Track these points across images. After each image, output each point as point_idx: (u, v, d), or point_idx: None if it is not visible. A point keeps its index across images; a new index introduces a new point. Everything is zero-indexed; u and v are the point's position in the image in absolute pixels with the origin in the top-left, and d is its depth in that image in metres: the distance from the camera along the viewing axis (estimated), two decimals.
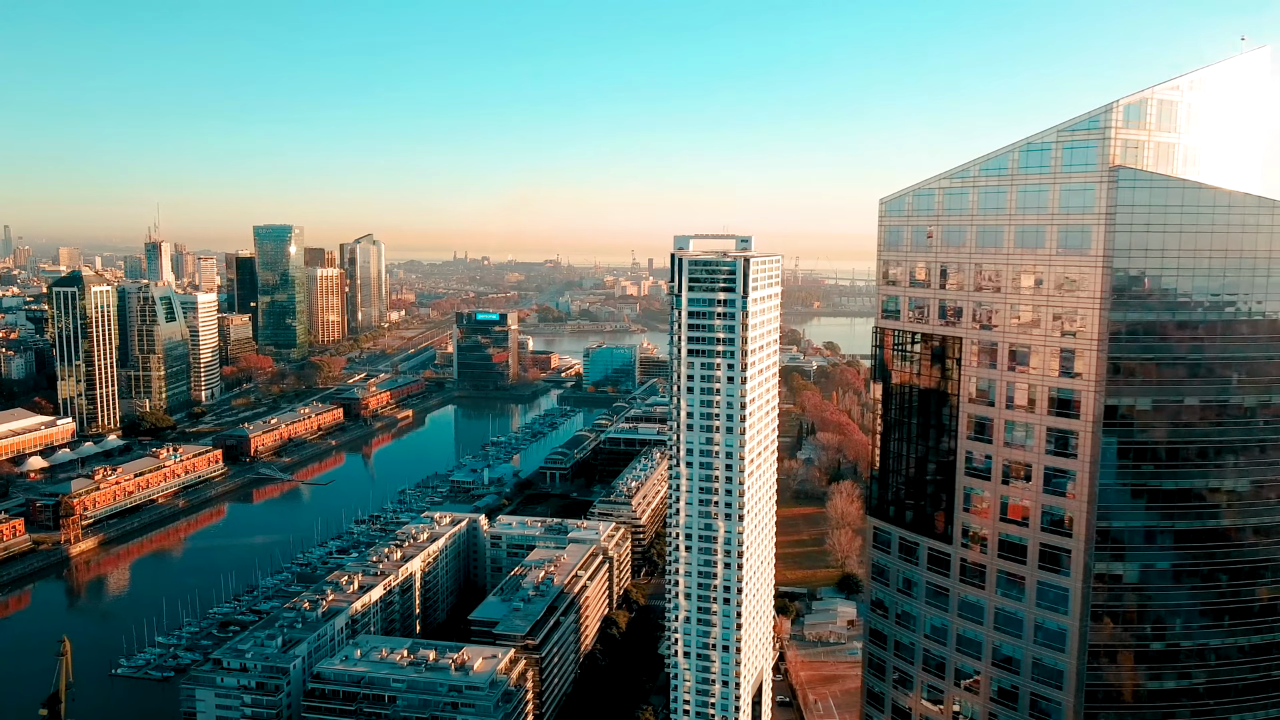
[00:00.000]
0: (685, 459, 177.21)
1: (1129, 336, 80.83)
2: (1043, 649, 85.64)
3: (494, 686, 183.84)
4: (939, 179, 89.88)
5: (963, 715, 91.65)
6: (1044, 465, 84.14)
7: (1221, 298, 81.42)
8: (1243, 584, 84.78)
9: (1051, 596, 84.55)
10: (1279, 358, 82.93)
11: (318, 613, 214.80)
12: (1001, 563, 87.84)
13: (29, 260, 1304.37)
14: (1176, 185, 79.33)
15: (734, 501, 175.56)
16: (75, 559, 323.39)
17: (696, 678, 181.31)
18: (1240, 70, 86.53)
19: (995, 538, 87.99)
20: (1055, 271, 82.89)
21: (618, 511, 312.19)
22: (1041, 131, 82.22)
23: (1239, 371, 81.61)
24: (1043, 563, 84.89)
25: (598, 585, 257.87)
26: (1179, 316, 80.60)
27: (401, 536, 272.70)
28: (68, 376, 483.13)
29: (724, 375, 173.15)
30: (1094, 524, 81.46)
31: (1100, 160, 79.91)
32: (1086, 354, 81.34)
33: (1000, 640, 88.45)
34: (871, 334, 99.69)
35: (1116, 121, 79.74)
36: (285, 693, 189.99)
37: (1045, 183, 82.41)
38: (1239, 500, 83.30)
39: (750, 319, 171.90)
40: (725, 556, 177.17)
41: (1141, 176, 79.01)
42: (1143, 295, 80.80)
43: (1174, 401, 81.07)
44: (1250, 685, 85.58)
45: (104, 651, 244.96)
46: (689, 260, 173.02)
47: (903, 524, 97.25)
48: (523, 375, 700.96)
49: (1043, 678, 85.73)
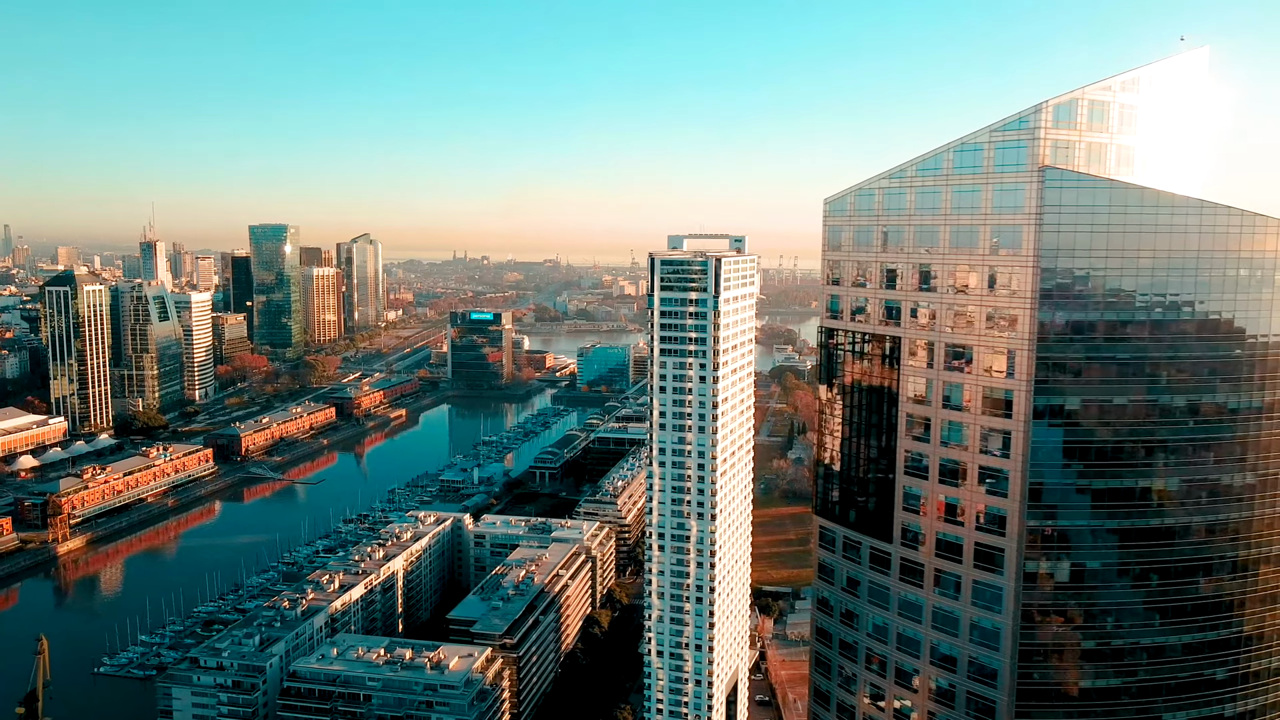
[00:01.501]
0: (658, 458, 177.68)
1: (1058, 336, 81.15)
2: (979, 648, 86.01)
3: (469, 685, 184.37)
4: (879, 179, 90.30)
5: (904, 714, 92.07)
6: (979, 465, 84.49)
7: (1151, 298, 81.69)
8: (1176, 582, 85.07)
9: (987, 596, 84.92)
10: (1209, 358, 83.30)
11: (297, 611, 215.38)
12: (939, 562, 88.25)
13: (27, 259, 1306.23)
14: (1104, 185, 79.66)
15: (706, 501, 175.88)
16: (63, 558, 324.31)
17: (670, 676, 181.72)
18: (1178, 70, 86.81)
19: (933, 537, 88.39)
20: (988, 271, 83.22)
21: (603, 511, 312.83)
22: (975, 131, 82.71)
23: (1169, 371, 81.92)
24: (978, 562, 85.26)
25: (579, 584, 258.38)
26: (1108, 316, 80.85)
27: (385, 536, 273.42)
28: (60, 376, 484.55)
29: (696, 375, 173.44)
30: (1025, 523, 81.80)
31: (1030, 160, 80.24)
32: (1018, 354, 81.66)
33: (938, 639, 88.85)
34: (817, 333, 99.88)
35: (1046, 122, 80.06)
36: (261, 691, 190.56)
37: (978, 183, 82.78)
38: (1171, 499, 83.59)
39: (722, 318, 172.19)
40: (698, 556, 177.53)
41: (1069, 176, 79.34)
42: (1072, 295, 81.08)
43: (1104, 401, 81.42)
44: (1184, 684, 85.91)
45: (87, 650, 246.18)
46: (661, 260, 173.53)
47: (847, 523, 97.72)
48: (517, 375, 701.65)
49: (979, 676, 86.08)
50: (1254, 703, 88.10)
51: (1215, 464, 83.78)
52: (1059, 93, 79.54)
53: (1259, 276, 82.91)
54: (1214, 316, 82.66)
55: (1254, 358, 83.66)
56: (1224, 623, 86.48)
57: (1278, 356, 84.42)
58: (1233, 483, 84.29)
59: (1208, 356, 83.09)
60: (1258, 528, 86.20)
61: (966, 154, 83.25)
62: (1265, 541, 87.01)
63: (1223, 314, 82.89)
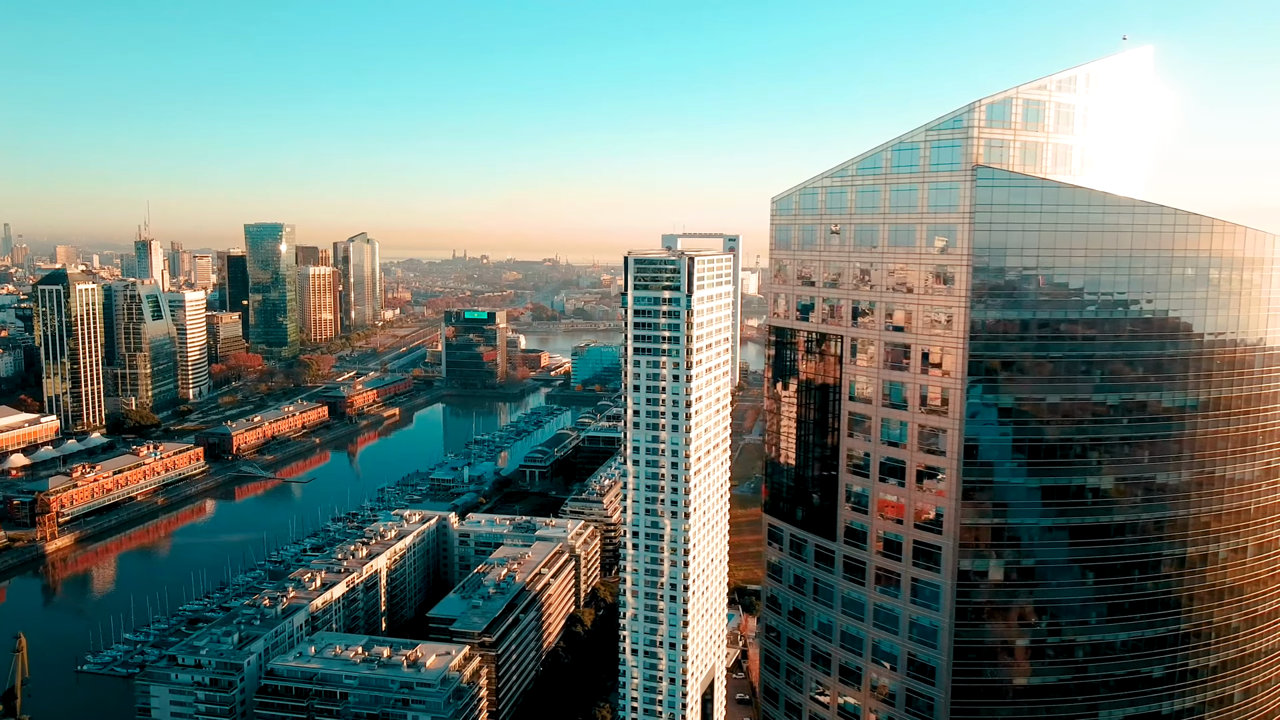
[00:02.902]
0: (632, 457, 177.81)
1: (992, 334, 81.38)
2: (918, 645, 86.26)
3: (445, 683, 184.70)
4: (821, 178, 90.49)
5: (848, 711, 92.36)
6: (917, 463, 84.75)
7: (1085, 296, 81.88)
8: (1114, 580, 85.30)
9: (926, 593, 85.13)
10: (1145, 356, 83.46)
11: (277, 610, 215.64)
12: (880, 560, 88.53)
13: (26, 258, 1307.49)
14: (1036, 184, 79.77)
15: (680, 500, 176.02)
16: (51, 556, 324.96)
17: (644, 675, 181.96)
18: (1119, 69, 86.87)
19: (874, 535, 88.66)
20: (925, 270, 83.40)
21: (589, 510, 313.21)
22: (912, 130, 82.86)
23: (1103, 370, 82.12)
24: (917, 560, 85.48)
25: (562, 583, 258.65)
26: (1042, 315, 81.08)
27: (369, 534, 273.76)
28: (53, 374, 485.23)
29: (669, 374, 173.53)
30: (961, 521, 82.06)
31: (964, 160, 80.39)
32: (953, 352, 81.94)
33: (880, 637, 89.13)
34: (766, 332, 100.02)
35: (979, 121, 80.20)
36: (239, 689, 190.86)
37: (915, 182, 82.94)
38: (1105, 497, 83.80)
39: (696, 317, 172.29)
40: (671, 554, 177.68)
41: (1000, 175, 79.49)
42: (1005, 293, 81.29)
43: (1037, 399, 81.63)
44: (1122, 681, 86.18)
45: (72, 648, 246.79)
46: (634, 260, 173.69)
47: (794, 521, 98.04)
48: (511, 374, 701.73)
49: (918, 674, 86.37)
50: (1191, 700, 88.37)
51: (1151, 462, 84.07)
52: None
53: (1195, 275, 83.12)
54: (1149, 315, 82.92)
55: (1190, 356, 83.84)
56: (1162, 620, 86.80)
57: (1214, 355, 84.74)
58: (1169, 481, 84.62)
59: (1143, 355, 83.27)
60: (1195, 526, 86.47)
61: (904, 153, 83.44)
62: (1204, 539, 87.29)
63: (1158, 312, 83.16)
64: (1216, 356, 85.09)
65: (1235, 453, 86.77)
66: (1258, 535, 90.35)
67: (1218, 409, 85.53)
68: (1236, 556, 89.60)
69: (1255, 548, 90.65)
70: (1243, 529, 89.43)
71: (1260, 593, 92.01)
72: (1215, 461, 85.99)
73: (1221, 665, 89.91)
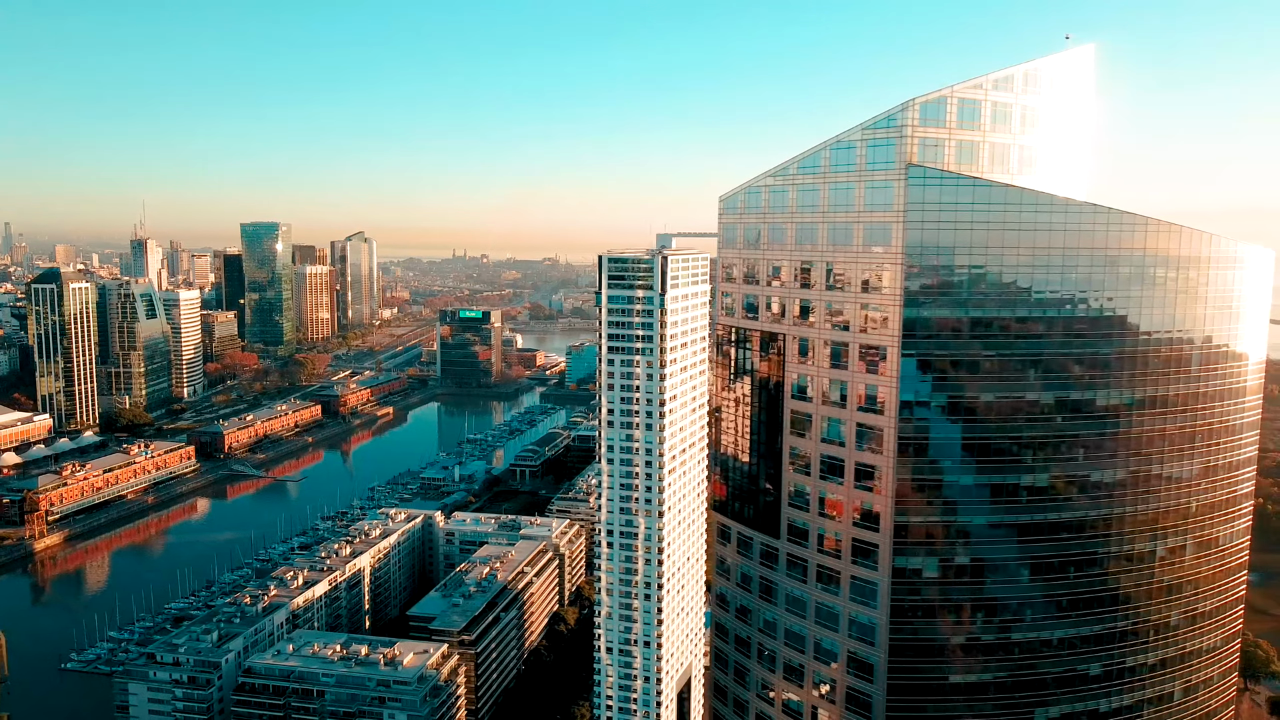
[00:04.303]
0: (606, 456, 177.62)
1: (926, 333, 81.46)
2: (856, 642, 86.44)
3: (422, 681, 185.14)
4: (765, 176, 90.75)
5: (791, 707, 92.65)
6: (855, 461, 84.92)
7: (1021, 295, 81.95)
8: (1049, 578, 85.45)
9: (864, 591, 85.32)
10: (1080, 354, 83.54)
11: (257, 608, 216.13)
12: (821, 557, 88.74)
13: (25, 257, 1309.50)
14: (968, 183, 79.79)
15: (654, 498, 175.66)
16: (39, 554, 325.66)
17: (619, 674, 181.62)
18: (1060, 69, 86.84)
19: (815, 533, 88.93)
20: (862, 269, 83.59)
21: (575, 509, 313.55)
22: (849, 129, 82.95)
23: (1039, 368, 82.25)
24: (855, 557, 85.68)
25: (545, 581, 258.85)
26: (975, 313, 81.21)
27: (354, 533, 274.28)
28: (46, 373, 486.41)
29: (643, 372, 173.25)
30: (895, 519, 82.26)
31: (899, 159, 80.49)
32: (888, 350, 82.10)
33: (821, 634, 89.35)
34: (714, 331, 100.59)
35: (913, 120, 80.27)
36: (216, 687, 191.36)
37: (852, 180, 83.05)
38: (1040, 495, 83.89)
39: (670, 316, 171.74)
40: (645, 553, 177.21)
41: (932, 174, 79.55)
42: (938, 292, 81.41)
43: (970, 398, 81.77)
44: (1060, 678, 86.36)
45: (56, 646, 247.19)
46: (608, 259, 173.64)
47: (742, 519, 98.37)
48: (506, 373, 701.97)
49: (857, 671, 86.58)
50: (1129, 698, 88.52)
51: (1086, 460, 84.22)
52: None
53: (1132, 274, 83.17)
54: (1086, 313, 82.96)
55: (1128, 354, 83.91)
56: (1099, 618, 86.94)
57: (1152, 353, 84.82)
58: (1103, 479, 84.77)
59: (1081, 353, 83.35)
60: (1133, 523, 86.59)
61: (841, 152, 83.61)
62: (1142, 537, 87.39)
63: (1095, 311, 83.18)
64: (1154, 355, 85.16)
65: (1174, 450, 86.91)
66: (1197, 533, 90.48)
67: (1156, 407, 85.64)
68: (1175, 554, 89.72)
69: (1195, 545, 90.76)
70: (1182, 527, 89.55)
71: (1201, 591, 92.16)
72: (1154, 459, 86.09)
73: (1161, 663, 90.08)
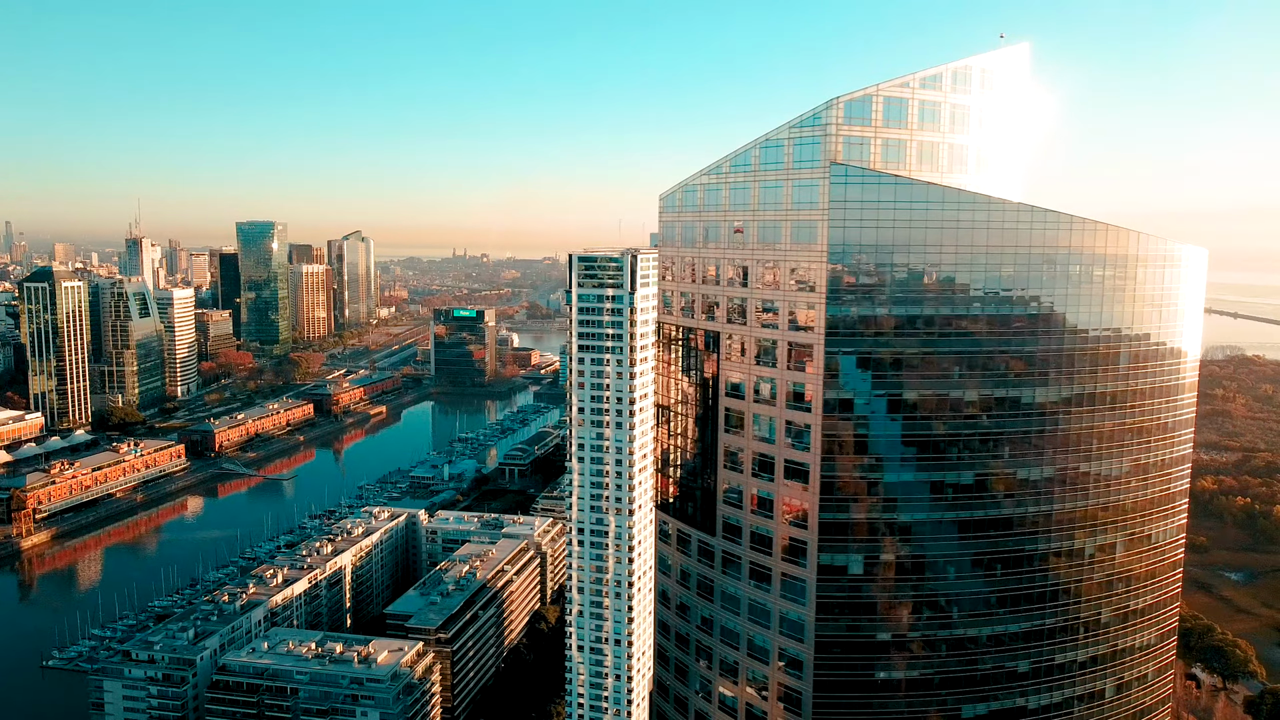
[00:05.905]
0: (577, 454, 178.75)
1: (847, 331, 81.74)
2: (787, 639, 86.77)
3: (395, 679, 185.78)
4: (700, 174, 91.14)
5: (727, 704, 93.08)
6: (785, 458, 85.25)
7: (940, 294, 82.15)
8: (976, 575, 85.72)
9: (794, 588, 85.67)
10: (1006, 352, 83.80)
11: (235, 605, 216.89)
12: (754, 555, 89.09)
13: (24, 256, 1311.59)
14: (889, 181, 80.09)
15: (624, 496, 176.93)
16: (26, 552, 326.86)
17: (590, 671, 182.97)
18: (993, 67, 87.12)
19: (748, 530, 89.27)
20: (789, 267, 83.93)
21: (560, 507, 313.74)
22: (777, 127, 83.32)
23: (965, 365, 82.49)
24: (785, 555, 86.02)
25: (526, 580, 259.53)
26: (895, 311, 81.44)
27: (336, 531, 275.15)
28: (39, 372, 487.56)
29: (613, 370, 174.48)
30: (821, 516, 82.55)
31: (824, 156, 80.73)
32: (814, 348, 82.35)
33: (754, 631, 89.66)
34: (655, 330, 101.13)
35: (837, 118, 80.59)
36: (191, 685, 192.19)
37: (780, 179, 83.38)
38: (965, 493, 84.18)
39: (639, 314, 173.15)
40: (616, 551, 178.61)
41: (854, 172, 79.88)
42: (861, 289, 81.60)
43: (894, 396, 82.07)
44: (987, 675, 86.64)
45: (39, 643, 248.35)
46: (578, 257, 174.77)
47: (681, 517, 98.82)
48: (501, 372, 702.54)
49: (788, 668, 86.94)
50: (1058, 695, 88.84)
51: (1014, 456, 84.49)
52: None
53: (1058, 272, 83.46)
54: (1012, 311, 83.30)
55: (1054, 352, 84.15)
56: (1027, 615, 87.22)
57: (1079, 351, 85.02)
58: (1029, 476, 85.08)
59: (1007, 351, 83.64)
60: (1059, 521, 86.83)
61: (770, 150, 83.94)
62: (1071, 535, 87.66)
63: (1021, 308, 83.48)
64: (1083, 352, 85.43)
65: (1104, 448, 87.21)
66: (1129, 531, 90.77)
67: (1085, 404, 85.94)
68: (1106, 551, 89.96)
69: (1127, 543, 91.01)
70: (1113, 524, 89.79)
71: (1134, 588, 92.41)
72: (1084, 456, 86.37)
73: (1091, 660, 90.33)
